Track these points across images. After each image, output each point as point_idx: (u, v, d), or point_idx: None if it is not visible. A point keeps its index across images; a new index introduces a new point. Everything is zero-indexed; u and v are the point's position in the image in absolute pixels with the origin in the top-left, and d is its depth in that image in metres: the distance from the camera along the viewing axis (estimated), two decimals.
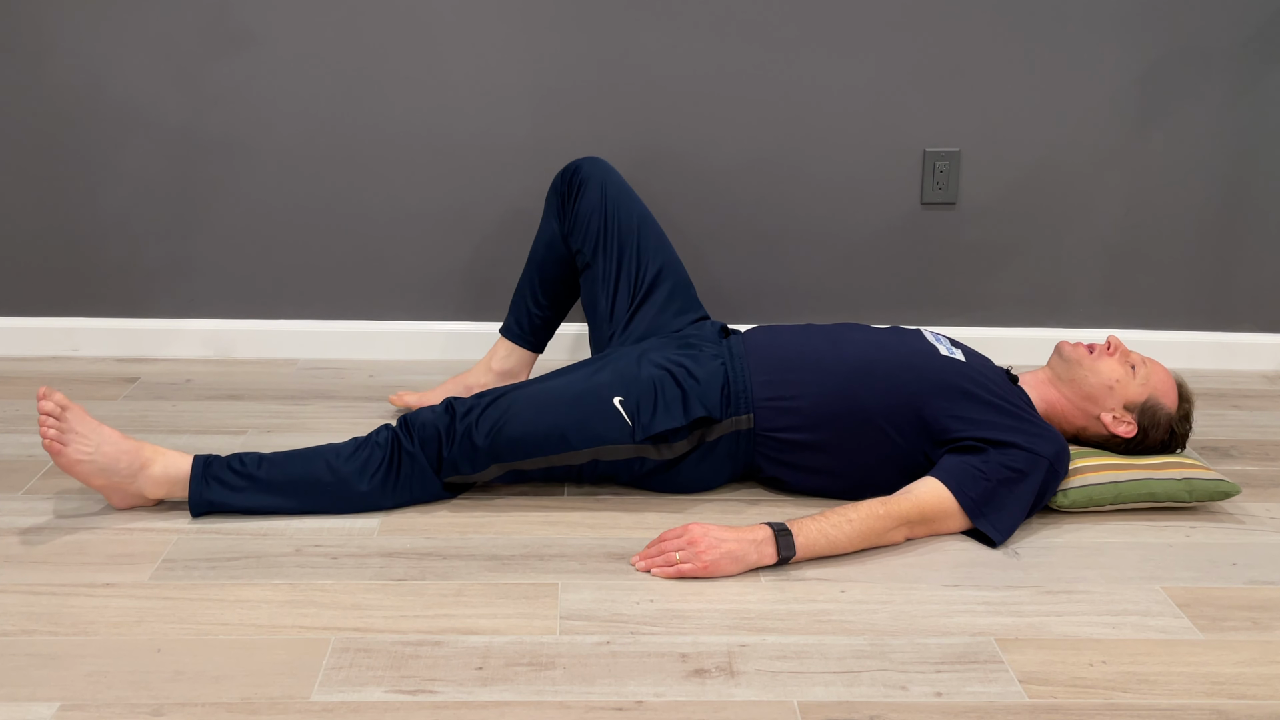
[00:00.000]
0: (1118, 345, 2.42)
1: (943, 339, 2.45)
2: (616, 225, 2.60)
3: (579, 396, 2.27)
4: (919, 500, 2.17)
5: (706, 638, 1.90)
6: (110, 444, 2.16)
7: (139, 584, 2.01)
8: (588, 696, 1.74)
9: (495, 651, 1.84)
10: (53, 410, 2.11)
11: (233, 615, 1.92)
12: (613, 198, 2.62)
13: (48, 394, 2.11)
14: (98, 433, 2.15)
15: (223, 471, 2.23)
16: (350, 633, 1.88)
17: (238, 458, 2.25)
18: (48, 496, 2.32)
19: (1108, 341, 2.43)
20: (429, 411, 2.27)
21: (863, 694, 1.76)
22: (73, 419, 2.13)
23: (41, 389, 2.11)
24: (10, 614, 1.90)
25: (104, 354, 3.15)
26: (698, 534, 2.06)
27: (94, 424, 2.16)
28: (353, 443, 2.28)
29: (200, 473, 2.21)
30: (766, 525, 2.09)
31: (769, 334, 2.44)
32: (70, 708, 1.67)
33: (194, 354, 3.17)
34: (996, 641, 1.91)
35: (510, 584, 2.04)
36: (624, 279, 2.58)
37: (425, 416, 2.26)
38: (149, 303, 3.15)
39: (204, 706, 1.69)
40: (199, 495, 2.21)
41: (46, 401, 2.10)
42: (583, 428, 2.26)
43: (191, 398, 2.88)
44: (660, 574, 2.06)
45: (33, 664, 1.77)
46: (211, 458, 2.24)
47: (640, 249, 2.60)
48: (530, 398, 2.28)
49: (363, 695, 1.72)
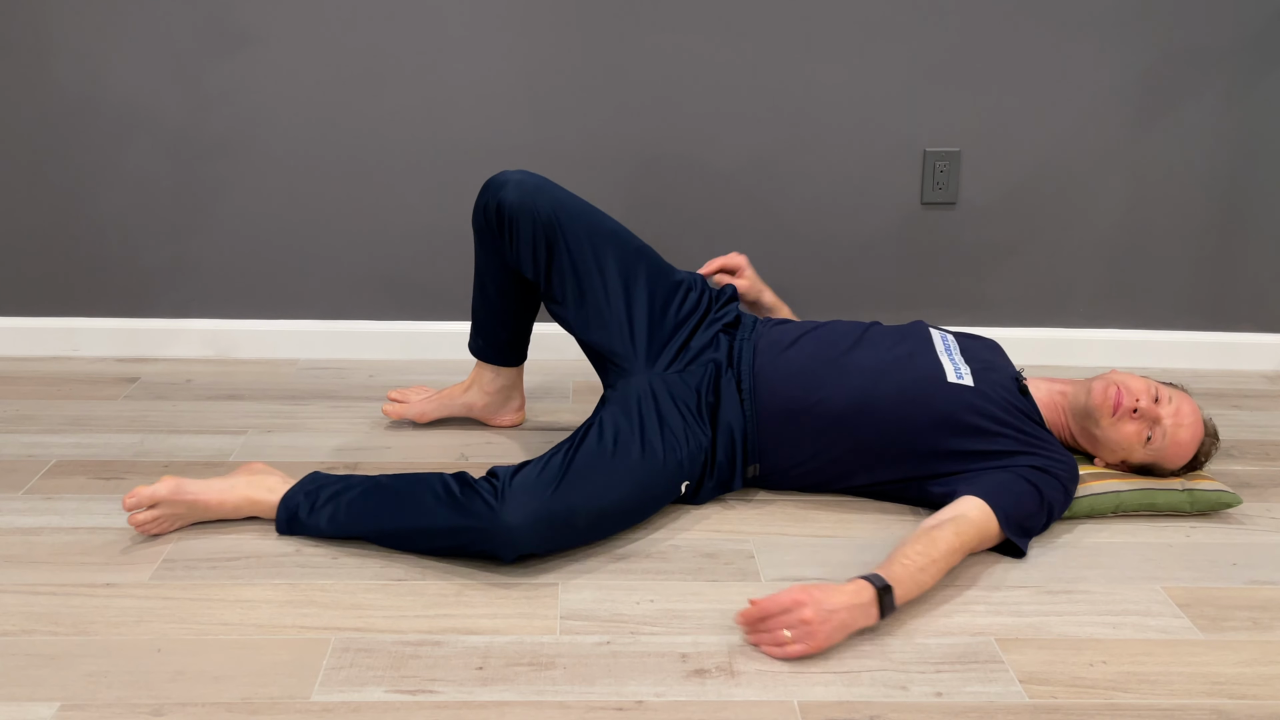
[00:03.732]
0: (1147, 412, 2.30)
1: (951, 348, 2.40)
2: (569, 260, 2.37)
3: (649, 491, 2.21)
4: (979, 527, 2.10)
5: (706, 638, 1.90)
6: (209, 512, 2.21)
7: (139, 584, 2.01)
8: (588, 696, 1.74)
9: (495, 651, 1.85)
10: (141, 518, 2.15)
11: (233, 615, 1.92)
12: (550, 229, 2.35)
13: (133, 505, 2.13)
14: (193, 509, 2.19)
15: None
16: (350, 633, 1.88)
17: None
18: (48, 496, 2.32)
19: (1135, 405, 2.30)
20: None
21: (863, 694, 1.76)
22: (165, 509, 2.16)
23: (126, 502, 2.13)
24: (10, 614, 1.90)
25: (104, 354, 3.15)
26: (810, 613, 1.83)
27: (190, 501, 2.18)
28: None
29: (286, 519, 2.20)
30: (868, 584, 1.91)
31: (774, 356, 2.37)
32: (70, 708, 1.68)
33: (194, 354, 3.17)
34: (996, 641, 1.91)
35: (510, 584, 2.04)
36: (611, 316, 2.40)
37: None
38: (149, 303, 3.16)
39: (204, 706, 1.69)
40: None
41: (137, 514, 2.15)
42: (655, 509, 2.25)
43: (191, 398, 2.88)
44: (770, 654, 1.86)
45: (33, 664, 1.77)
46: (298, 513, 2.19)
47: (605, 272, 2.39)
48: (602, 512, 2.14)
49: (363, 695, 1.73)
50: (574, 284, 2.38)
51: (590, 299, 2.38)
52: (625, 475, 2.14)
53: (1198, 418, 2.35)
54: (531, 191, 2.37)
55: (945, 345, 2.41)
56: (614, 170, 3.09)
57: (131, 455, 2.53)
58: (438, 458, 2.57)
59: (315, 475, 2.22)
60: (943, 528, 2.06)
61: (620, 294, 2.40)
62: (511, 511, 2.00)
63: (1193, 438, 2.34)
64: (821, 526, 2.29)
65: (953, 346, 2.42)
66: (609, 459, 2.14)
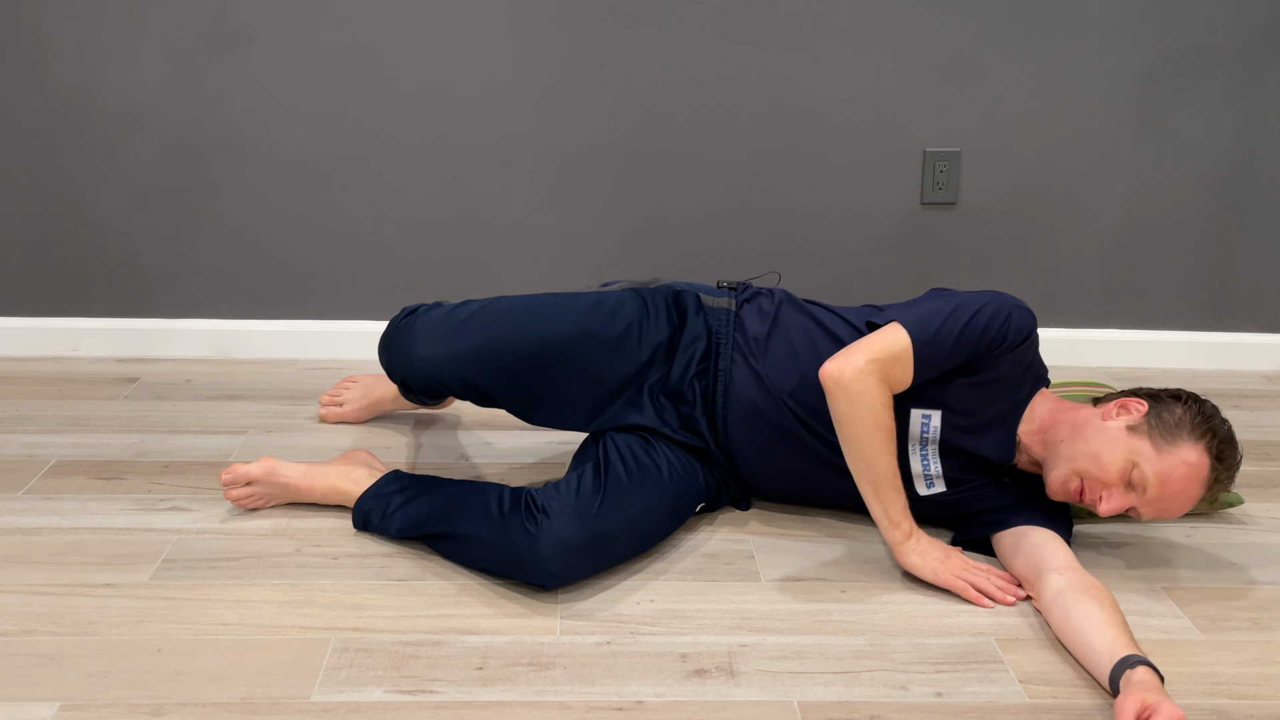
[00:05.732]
0: (1114, 509, 2.00)
1: (928, 453, 2.15)
2: (507, 403, 2.25)
3: (677, 511, 2.19)
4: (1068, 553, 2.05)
5: (706, 638, 1.90)
6: (299, 495, 2.28)
7: (139, 584, 2.01)
8: (588, 696, 1.74)
9: (495, 651, 1.85)
10: (236, 494, 2.25)
11: (233, 615, 1.92)
12: (475, 392, 2.22)
13: (229, 481, 2.23)
14: (285, 491, 2.27)
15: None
16: (350, 633, 1.88)
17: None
18: (48, 496, 2.32)
19: (1097, 501, 2.02)
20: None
21: (863, 694, 1.77)
22: (258, 488, 2.25)
23: (223, 477, 2.23)
24: (10, 614, 1.90)
25: (104, 354, 3.15)
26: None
27: (282, 484, 2.26)
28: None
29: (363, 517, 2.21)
30: (1142, 664, 1.73)
31: (753, 459, 2.27)
32: (70, 708, 1.68)
33: (194, 354, 3.17)
34: (996, 641, 1.91)
35: (510, 584, 2.04)
36: (563, 421, 2.29)
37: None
38: (149, 303, 3.16)
39: (204, 706, 1.69)
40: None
41: (232, 490, 2.24)
42: (674, 529, 2.22)
43: (191, 398, 2.88)
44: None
45: (33, 664, 1.77)
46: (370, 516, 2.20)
47: (544, 400, 2.24)
48: (640, 538, 2.12)
49: (363, 695, 1.73)
50: (520, 409, 2.27)
51: (540, 416, 2.28)
52: (656, 496, 2.13)
53: (1190, 475, 1.99)
54: (434, 368, 2.20)
55: (924, 431, 2.15)
56: (613, 168, 3.10)
57: (131, 455, 2.53)
58: (436, 459, 2.57)
59: (393, 476, 2.22)
60: (1080, 585, 1.93)
61: (568, 407, 2.25)
62: (548, 543, 1.97)
63: (1187, 496, 2.01)
64: (821, 528, 2.29)
65: (928, 453, 2.16)
66: (639, 481, 2.12)
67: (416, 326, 2.22)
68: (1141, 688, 1.66)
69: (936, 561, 2.06)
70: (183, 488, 2.38)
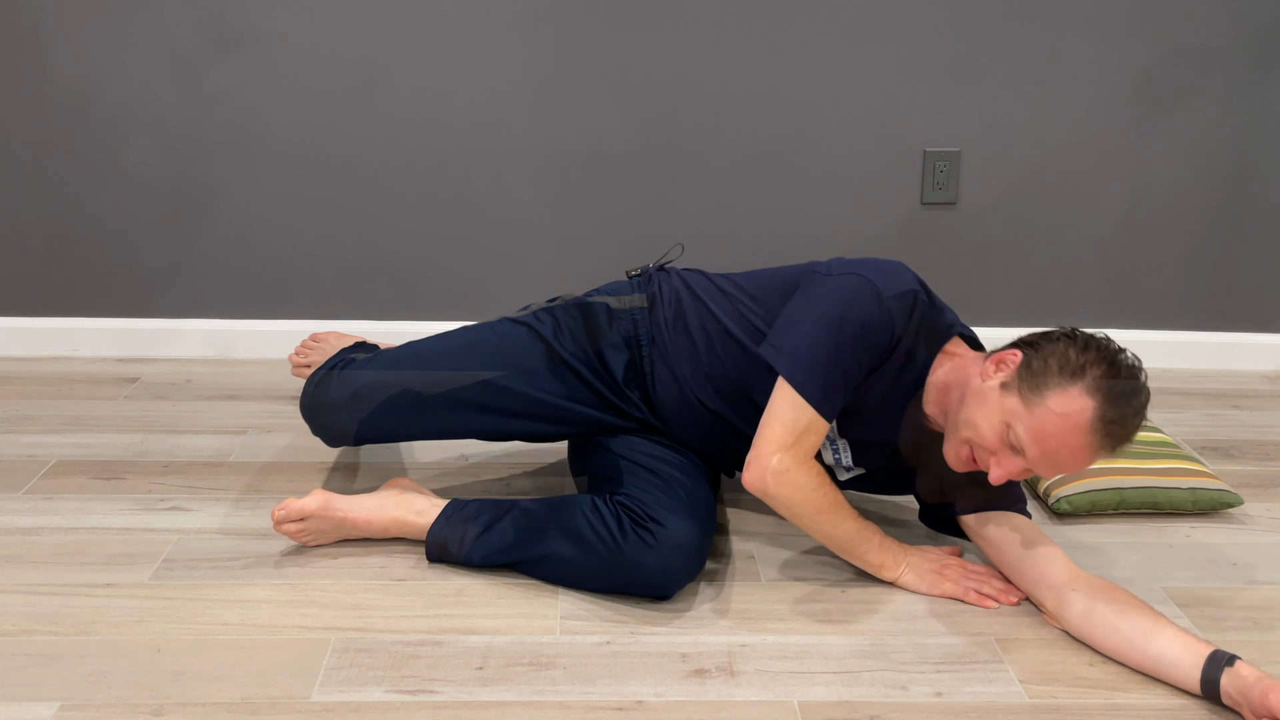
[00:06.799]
0: (1005, 474, 1.87)
1: (838, 446, 2.11)
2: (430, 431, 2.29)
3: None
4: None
5: (706, 638, 1.90)
6: (356, 531, 2.17)
7: (139, 584, 2.01)
8: (588, 696, 1.74)
9: (495, 651, 1.85)
10: (289, 530, 2.13)
11: (233, 615, 1.92)
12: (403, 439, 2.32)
13: (282, 518, 2.11)
14: (340, 526, 2.16)
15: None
16: (350, 633, 1.89)
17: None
18: (48, 496, 2.32)
19: (986, 466, 1.90)
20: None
21: (863, 694, 1.77)
22: (313, 523, 2.13)
23: (275, 513, 2.11)
24: (11, 614, 1.91)
25: (104, 354, 3.16)
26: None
27: (338, 519, 2.14)
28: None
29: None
30: (1234, 658, 1.76)
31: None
32: (71, 708, 1.68)
33: (194, 354, 3.17)
34: (996, 641, 1.91)
35: (510, 584, 2.04)
36: (525, 430, 2.28)
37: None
38: (149, 303, 3.16)
39: (204, 706, 1.69)
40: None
41: (286, 525, 2.12)
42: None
43: (191, 398, 2.88)
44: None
45: (33, 664, 1.78)
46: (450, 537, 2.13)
47: (481, 425, 2.26)
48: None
49: (363, 695, 1.73)
50: (481, 435, 2.29)
51: (506, 434, 2.29)
52: (705, 479, 2.19)
53: (1065, 426, 1.81)
54: (363, 440, 2.32)
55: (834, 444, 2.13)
56: (612, 170, 3.10)
57: (132, 455, 2.53)
58: (437, 456, 2.57)
59: (459, 504, 2.14)
60: (1104, 594, 1.91)
61: (531, 427, 2.26)
62: (670, 552, 1.96)
63: (1074, 448, 1.83)
64: None
65: (839, 447, 2.14)
66: (690, 471, 2.15)
67: (331, 399, 2.26)
68: (1263, 679, 1.68)
69: (933, 575, 2.06)
70: (183, 488, 2.38)
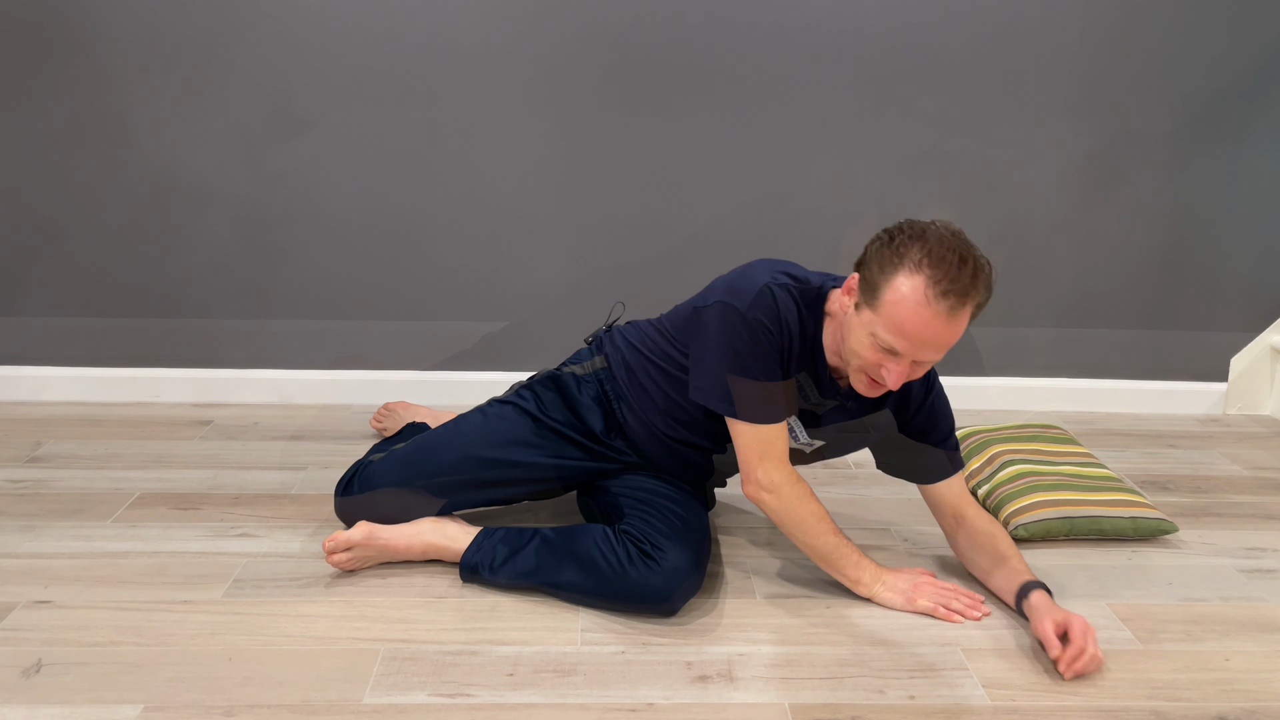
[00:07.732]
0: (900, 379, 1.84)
1: (793, 425, 2.08)
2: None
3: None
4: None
5: (709, 648, 1.91)
6: (397, 555, 2.17)
7: (213, 601, 2.02)
8: (605, 699, 1.75)
9: (524, 660, 1.85)
10: (338, 559, 2.12)
11: (295, 628, 1.93)
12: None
13: (332, 548, 2.11)
14: (383, 552, 2.16)
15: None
16: (397, 643, 1.89)
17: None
18: (133, 524, 2.33)
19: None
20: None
21: (846, 697, 1.77)
22: (359, 551, 2.13)
23: (326, 545, 2.10)
24: (100, 627, 1.92)
25: (182, 400, 3.17)
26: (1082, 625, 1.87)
27: (381, 546, 2.14)
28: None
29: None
30: (1040, 589, 1.97)
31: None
32: (152, 709, 1.69)
33: (261, 400, 3.19)
34: (962, 651, 1.92)
35: (537, 601, 2.05)
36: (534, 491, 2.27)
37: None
38: (221, 355, 3.18)
39: (270, 708, 1.70)
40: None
41: (335, 555, 2.12)
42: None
43: (259, 438, 2.90)
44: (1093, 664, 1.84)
45: (120, 671, 1.79)
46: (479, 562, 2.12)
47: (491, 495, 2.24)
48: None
49: (409, 698, 1.74)
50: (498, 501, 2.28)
51: (520, 496, 2.28)
52: (699, 506, 2.20)
53: (912, 309, 1.75)
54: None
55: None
56: (623, 238, 3.12)
57: (206, 488, 2.54)
58: None
59: (488, 532, 2.15)
60: (973, 512, 2.13)
61: (537, 488, 2.25)
62: (671, 575, 1.98)
63: (934, 327, 1.76)
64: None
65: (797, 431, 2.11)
66: (682, 503, 2.14)
67: (359, 509, 2.21)
68: (1037, 609, 1.90)
69: (906, 593, 2.06)
70: (251, 517, 2.39)
